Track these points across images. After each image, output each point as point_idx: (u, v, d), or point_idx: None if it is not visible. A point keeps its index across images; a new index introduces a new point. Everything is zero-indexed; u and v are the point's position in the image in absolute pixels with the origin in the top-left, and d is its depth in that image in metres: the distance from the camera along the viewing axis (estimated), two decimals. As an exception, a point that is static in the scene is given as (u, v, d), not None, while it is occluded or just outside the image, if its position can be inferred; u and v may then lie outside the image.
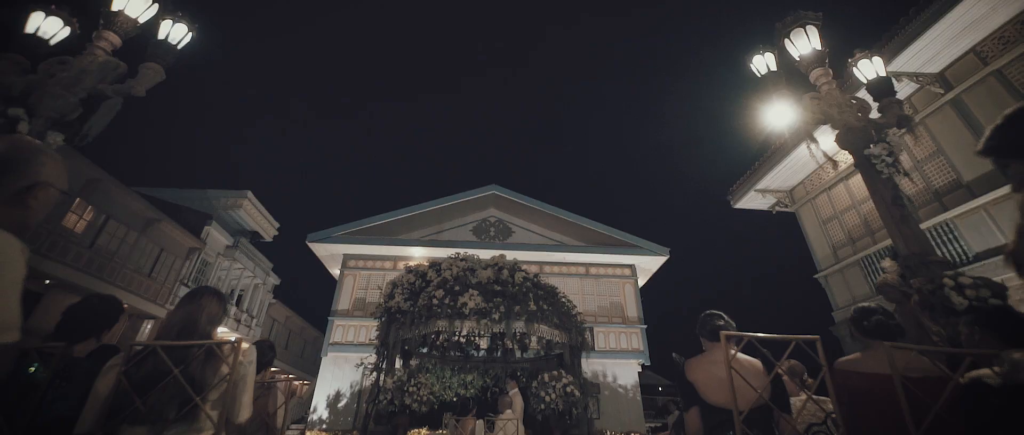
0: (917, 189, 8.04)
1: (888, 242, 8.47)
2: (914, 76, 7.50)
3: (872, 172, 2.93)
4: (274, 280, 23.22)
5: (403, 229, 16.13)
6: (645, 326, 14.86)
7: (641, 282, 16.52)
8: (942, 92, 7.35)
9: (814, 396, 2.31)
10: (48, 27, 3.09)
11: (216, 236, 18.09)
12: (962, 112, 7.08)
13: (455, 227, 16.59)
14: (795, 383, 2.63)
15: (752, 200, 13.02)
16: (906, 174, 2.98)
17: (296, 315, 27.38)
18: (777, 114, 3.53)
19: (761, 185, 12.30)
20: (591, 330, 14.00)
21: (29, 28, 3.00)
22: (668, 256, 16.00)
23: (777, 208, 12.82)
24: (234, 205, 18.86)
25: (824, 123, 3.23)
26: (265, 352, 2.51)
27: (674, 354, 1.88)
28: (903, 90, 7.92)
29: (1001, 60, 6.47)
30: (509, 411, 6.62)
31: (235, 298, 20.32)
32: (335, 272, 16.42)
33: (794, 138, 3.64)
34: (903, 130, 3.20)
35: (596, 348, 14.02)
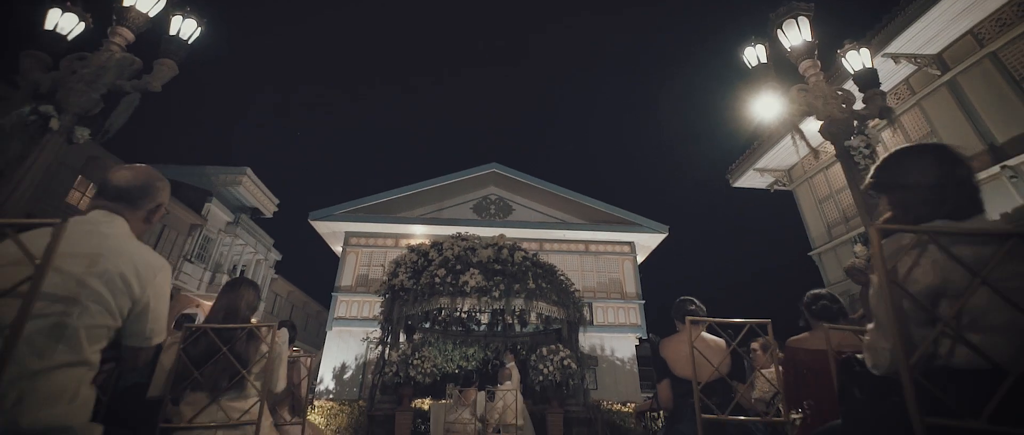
0: (910, 170, 8.19)
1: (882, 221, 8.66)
2: (912, 57, 7.52)
3: (850, 162, 3.11)
4: (276, 256, 23.50)
5: (404, 207, 16.32)
6: (643, 301, 15.21)
7: (640, 258, 16.79)
8: (939, 73, 7.39)
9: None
10: (65, 23, 3.21)
11: (217, 212, 18.25)
12: (957, 94, 7.15)
13: (456, 205, 16.76)
14: (767, 356, 2.88)
15: (751, 179, 13.16)
16: (881, 165, 3.14)
17: (298, 290, 27.80)
18: (765, 106, 3.67)
19: (760, 164, 12.43)
20: (590, 305, 14.35)
21: (48, 25, 3.13)
22: (667, 233, 16.22)
23: (775, 187, 12.98)
24: (233, 182, 18.90)
25: (809, 115, 3.38)
26: (288, 331, 2.80)
27: (650, 334, 2.13)
28: (901, 71, 7.96)
29: (997, 42, 6.50)
30: (509, 382, 6.96)
31: (238, 273, 20.66)
32: (337, 249, 16.70)
33: (784, 128, 3.79)
34: (884, 122, 3.34)
35: (595, 323, 14.40)
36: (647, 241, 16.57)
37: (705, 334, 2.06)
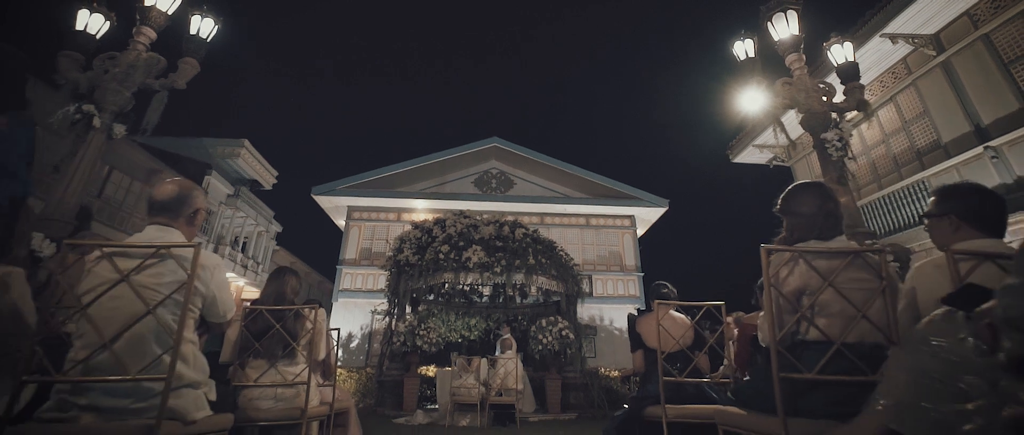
0: (902, 149, 8.38)
1: (871, 199, 8.92)
2: (910, 37, 7.60)
3: (825, 154, 3.36)
4: (277, 227, 23.80)
5: (406, 181, 16.55)
6: (642, 274, 15.62)
7: (641, 232, 17.11)
8: (934, 54, 7.49)
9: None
10: (93, 23, 3.39)
11: (217, 185, 18.36)
12: (950, 75, 7.28)
13: (457, 179, 16.96)
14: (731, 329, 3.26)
15: (750, 155, 13.27)
16: (853, 158, 3.41)
17: (300, 261, 28.22)
18: (751, 99, 3.88)
19: (759, 141, 12.54)
20: (590, 278, 14.80)
21: (78, 25, 3.32)
22: (667, 207, 16.48)
23: (774, 163, 13.11)
24: (232, 154, 18.93)
25: (792, 107, 3.60)
26: (316, 308, 3.20)
27: (629, 312, 2.47)
28: (899, 51, 8.03)
29: (991, 24, 6.58)
30: (510, 351, 7.41)
31: (240, 245, 20.99)
32: (340, 223, 17.05)
33: (768, 119, 4.01)
34: (860, 115, 3.56)
35: (594, 294, 14.89)
36: (647, 215, 16.85)
37: (673, 312, 2.44)
